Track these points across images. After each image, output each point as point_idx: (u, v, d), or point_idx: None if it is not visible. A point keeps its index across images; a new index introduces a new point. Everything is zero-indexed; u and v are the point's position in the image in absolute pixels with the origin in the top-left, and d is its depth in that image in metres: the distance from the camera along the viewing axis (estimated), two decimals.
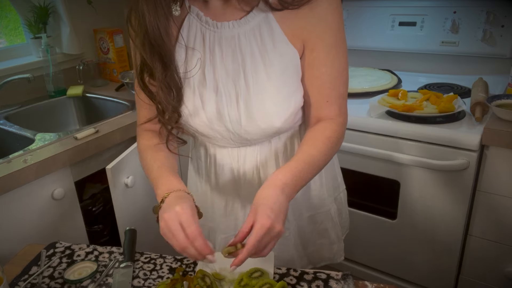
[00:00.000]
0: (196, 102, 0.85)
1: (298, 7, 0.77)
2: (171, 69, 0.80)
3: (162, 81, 0.80)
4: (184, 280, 0.80)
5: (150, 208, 1.52)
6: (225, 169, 0.96)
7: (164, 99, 0.82)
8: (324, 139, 0.83)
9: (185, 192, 0.79)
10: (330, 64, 0.82)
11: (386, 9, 1.97)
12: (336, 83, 0.84)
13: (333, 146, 0.85)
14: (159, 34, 0.76)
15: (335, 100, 0.85)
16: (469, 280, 1.56)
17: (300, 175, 0.78)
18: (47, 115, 1.83)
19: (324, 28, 0.80)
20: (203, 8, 0.83)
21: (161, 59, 0.79)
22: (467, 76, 1.77)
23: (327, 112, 0.86)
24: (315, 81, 0.84)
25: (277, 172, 0.78)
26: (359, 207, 1.65)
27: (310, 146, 0.83)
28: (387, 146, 1.48)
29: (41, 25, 1.88)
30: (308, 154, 0.81)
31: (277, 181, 0.76)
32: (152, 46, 0.77)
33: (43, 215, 1.32)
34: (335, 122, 0.86)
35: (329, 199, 1.03)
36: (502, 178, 1.36)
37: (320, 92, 0.85)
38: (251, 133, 0.86)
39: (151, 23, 0.75)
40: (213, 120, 0.86)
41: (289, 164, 0.79)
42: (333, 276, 0.83)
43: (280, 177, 0.76)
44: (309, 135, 0.85)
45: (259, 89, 0.82)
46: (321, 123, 0.86)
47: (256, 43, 0.80)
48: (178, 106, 0.84)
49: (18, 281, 0.87)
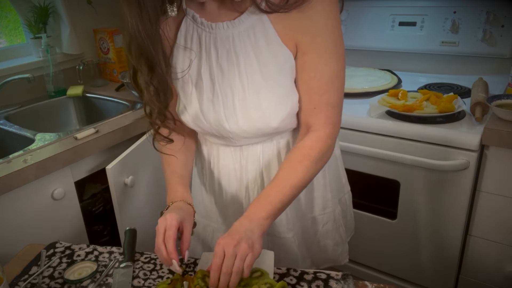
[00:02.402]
0: (194, 101, 0.86)
1: (288, 10, 0.76)
2: (157, 71, 0.80)
3: (149, 83, 0.81)
4: (184, 280, 0.80)
5: (150, 208, 1.53)
6: (228, 170, 0.96)
7: (150, 101, 0.83)
8: (302, 158, 0.83)
9: (185, 202, 0.87)
10: (320, 69, 0.80)
11: (386, 9, 1.97)
12: (325, 89, 0.81)
13: (314, 163, 0.83)
14: (141, 37, 0.75)
15: (322, 108, 0.82)
16: (469, 280, 1.56)
17: (277, 205, 0.81)
18: (47, 115, 1.83)
19: (316, 31, 0.78)
20: (198, 9, 0.83)
21: (146, 62, 0.79)
22: (467, 76, 1.77)
23: (314, 120, 0.84)
24: (304, 86, 0.83)
25: (255, 206, 0.81)
26: (359, 207, 1.65)
27: (288, 170, 0.83)
28: (387, 146, 1.48)
29: (41, 25, 1.88)
30: (286, 180, 0.82)
31: (251, 215, 0.79)
32: (137, 49, 0.78)
33: (43, 215, 1.32)
34: (318, 137, 0.83)
35: (333, 200, 1.03)
36: (502, 178, 1.36)
37: (308, 97, 0.83)
38: (248, 132, 0.86)
39: (133, 27, 0.74)
40: (209, 118, 0.86)
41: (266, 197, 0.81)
42: (333, 276, 0.83)
43: (255, 212, 0.80)
44: (289, 157, 0.85)
45: (254, 89, 0.82)
46: (305, 138, 0.84)
47: (250, 43, 0.80)
48: (164, 108, 0.85)
49: (18, 281, 0.87)
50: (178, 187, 0.89)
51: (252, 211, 0.80)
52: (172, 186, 0.90)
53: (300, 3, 0.75)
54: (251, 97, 0.82)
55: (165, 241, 0.78)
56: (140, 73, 0.81)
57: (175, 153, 0.93)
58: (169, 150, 0.92)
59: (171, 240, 0.78)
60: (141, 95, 0.86)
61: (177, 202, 0.86)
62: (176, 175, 0.91)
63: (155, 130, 0.88)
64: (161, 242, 0.78)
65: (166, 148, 0.92)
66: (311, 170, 0.83)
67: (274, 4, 0.76)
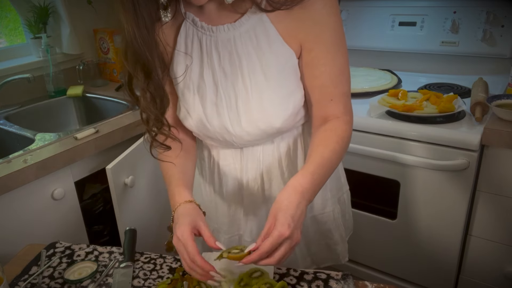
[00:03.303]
0: (196, 106, 0.86)
1: (289, 7, 0.76)
2: (153, 78, 0.80)
3: (145, 89, 0.81)
4: (184, 280, 0.80)
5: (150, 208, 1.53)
6: (228, 170, 0.96)
7: (147, 108, 0.83)
8: (337, 139, 0.83)
9: (186, 202, 0.82)
10: (330, 63, 0.82)
11: (386, 9, 1.97)
12: (338, 81, 0.83)
13: (345, 145, 0.85)
14: (138, 44, 0.75)
15: (339, 99, 0.85)
16: (469, 280, 1.56)
17: (318, 179, 0.79)
18: (47, 115, 1.83)
19: (321, 29, 0.79)
20: (198, 13, 0.83)
21: (143, 68, 0.79)
22: (467, 76, 1.77)
23: (333, 110, 0.85)
24: (316, 81, 0.84)
25: (297, 176, 0.77)
26: (359, 207, 1.66)
27: (324, 147, 0.82)
28: (387, 146, 1.48)
29: (41, 25, 1.88)
30: (323, 156, 0.81)
31: (298, 186, 0.75)
32: (133, 56, 0.77)
33: (43, 215, 1.32)
34: (343, 121, 0.85)
35: (332, 199, 1.03)
36: (502, 178, 1.36)
37: (322, 91, 0.84)
38: (251, 134, 0.86)
39: (129, 33, 0.74)
40: (213, 122, 0.86)
41: (307, 167, 0.79)
42: (333, 276, 0.83)
43: (301, 182, 0.76)
44: (322, 136, 0.84)
45: (257, 90, 0.82)
46: (331, 122, 0.85)
47: (252, 44, 0.80)
48: (160, 115, 0.84)
49: (18, 281, 0.87)
50: (179, 188, 0.86)
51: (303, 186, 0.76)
52: (171, 191, 0.87)
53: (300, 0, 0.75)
54: (254, 98, 0.82)
55: (192, 259, 0.74)
56: (136, 79, 0.80)
57: (173, 159, 0.91)
58: (167, 157, 0.90)
59: (196, 256, 0.73)
60: (136, 102, 0.85)
61: (178, 207, 0.82)
62: (174, 179, 0.89)
63: (152, 137, 0.87)
64: (190, 262, 0.74)
65: (163, 155, 0.91)
66: (342, 151, 0.84)
67: (274, 1, 0.76)
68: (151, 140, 0.88)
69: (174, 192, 0.85)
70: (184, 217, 0.78)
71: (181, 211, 0.80)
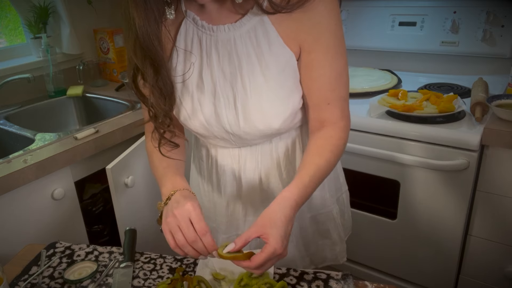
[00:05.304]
0: (195, 105, 0.86)
1: (291, 11, 0.76)
2: (162, 73, 0.80)
3: (154, 85, 0.81)
4: (184, 280, 0.80)
5: (150, 208, 1.53)
6: (226, 170, 0.96)
7: (156, 104, 0.83)
8: (332, 148, 0.83)
9: (190, 191, 0.82)
10: (328, 66, 0.81)
11: (386, 9, 1.97)
12: (335, 84, 0.83)
13: (339, 153, 0.85)
14: (149, 39, 0.75)
15: (337, 103, 0.84)
16: (469, 280, 1.56)
17: (310, 191, 0.80)
18: (47, 115, 1.83)
19: (321, 31, 0.79)
20: (199, 12, 0.83)
21: (152, 64, 0.79)
22: (467, 76, 1.77)
23: (329, 115, 0.85)
24: (314, 83, 0.83)
25: (292, 188, 0.78)
26: (359, 207, 1.66)
27: (320, 157, 0.82)
28: (387, 146, 1.48)
29: (41, 25, 1.88)
30: (318, 167, 0.81)
31: (292, 201, 0.76)
32: (143, 51, 0.77)
33: (43, 215, 1.32)
34: (339, 127, 0.85)
35: (331, 199, 1.03)
36: (502, 178, 1.36)
37: (320, 94, 0.84)
38: (250, 134, 0.86)
39: (141, 28, 0.74)
40: (211, 122, 0.86)
41: (302, 179, 0.80)
42: (333, 276, 0.83)
43: (295, 196, 0.77)
44: (317, 143, 0.84)
45: (256, 91, 0.82)
46: (327, 129, 0.85)
47: (252, 45, 0.80)
48: (169, 110, 0.84)
49: (18, 281, 0.87)
50: (177, 177, 0.85)
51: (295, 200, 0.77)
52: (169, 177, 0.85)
53: (302, 3, 0.75)
54: (252, 99, 0.82)
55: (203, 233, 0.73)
56: (146, 75, 0.80)
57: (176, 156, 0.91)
58: (174, 154, 0.90)
59: (208, 233, 0.73)
60: (142, 99, 0.85)
61: (180, 190, 0.81)
62: (172, 168, 0.88)
63: (161, 134, 0.87)
64: (194, 235, 0.73)
65: (171, 152, 0.90)
66: (335, 160, 0.84)
67: (276, 4, 0.75)
68: (159, 137, 0.87)
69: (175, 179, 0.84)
70: (191, 197, 0.79)
71: (184, 194, 0.80)
